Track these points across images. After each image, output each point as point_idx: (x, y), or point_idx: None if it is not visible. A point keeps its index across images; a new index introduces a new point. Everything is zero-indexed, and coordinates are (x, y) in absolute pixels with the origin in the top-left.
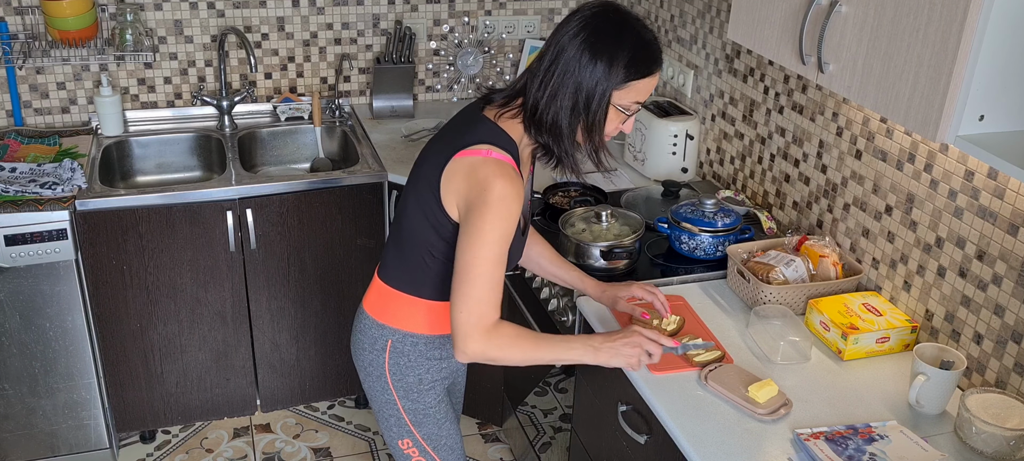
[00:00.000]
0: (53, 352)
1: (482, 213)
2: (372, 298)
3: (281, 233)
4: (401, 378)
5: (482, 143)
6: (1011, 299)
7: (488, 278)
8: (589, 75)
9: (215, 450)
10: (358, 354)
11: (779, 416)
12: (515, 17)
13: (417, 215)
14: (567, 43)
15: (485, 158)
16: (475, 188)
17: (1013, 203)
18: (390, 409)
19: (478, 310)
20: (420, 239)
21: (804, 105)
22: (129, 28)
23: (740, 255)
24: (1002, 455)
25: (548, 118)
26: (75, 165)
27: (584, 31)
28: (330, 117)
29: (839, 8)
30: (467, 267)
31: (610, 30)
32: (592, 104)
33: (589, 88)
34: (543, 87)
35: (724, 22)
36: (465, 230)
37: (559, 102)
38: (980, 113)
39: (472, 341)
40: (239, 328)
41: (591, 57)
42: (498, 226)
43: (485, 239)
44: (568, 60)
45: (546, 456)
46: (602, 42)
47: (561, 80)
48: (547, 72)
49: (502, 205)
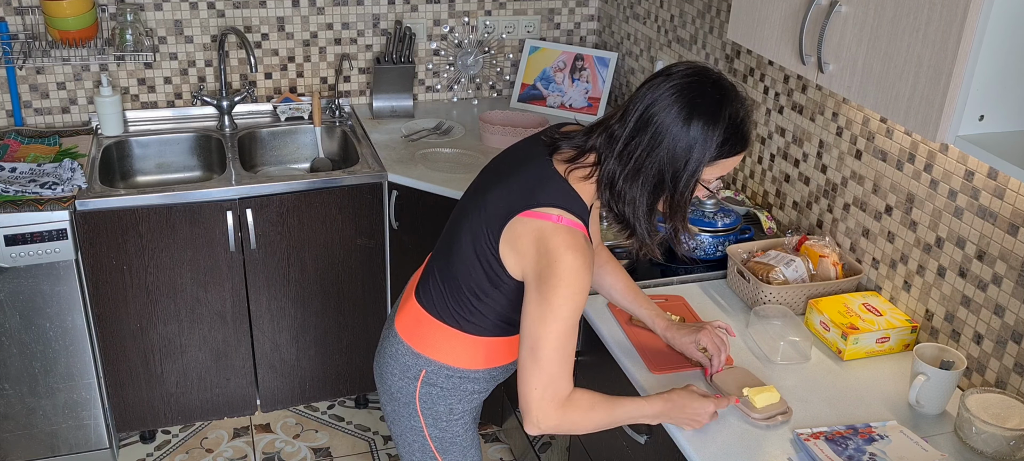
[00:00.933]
0: (53, 352)
1: (553, 287)
2: (407, 322)
3: (281, 233)
4: (431, 407)
5: (553, 207)
6: (1011, 299)
7: (560, 352)
8: (681, 147)
9: (215, 450)
10: (386, 377)
11: (775, 423)
12: (515, 17)
13: (471, 255)
14: (658, 111)
15: (556, 225)
16: (544, 258)
17: (1013, 203)
18: (415, 435)
19: (553, 386)
20: (470, 277)
21: (804, 105)
22: (129, 28)
23: (740, 255)
24: (1002, 455)
25: (629, 191)
26: (75, 165)
27: (679, 99)
28: (330, 117)
29: (839, 8)
30: (539, 343)
31: (708, 99)
32: (681, 180)
33: (679, 162)
34: (626, 158)
35: (724, 22)
36: (535, 303)
37: (643, 174)
38: (980, 113)
39: (547, 417)
40: (239, 328)
41: (685, 127)
42: (569, 301)
43: (557, 315)
44: (659, 129)
45: (546, 456)
46: (699, 111)
47: (648, 151)
48: (631, 141)
49: (575, 279)
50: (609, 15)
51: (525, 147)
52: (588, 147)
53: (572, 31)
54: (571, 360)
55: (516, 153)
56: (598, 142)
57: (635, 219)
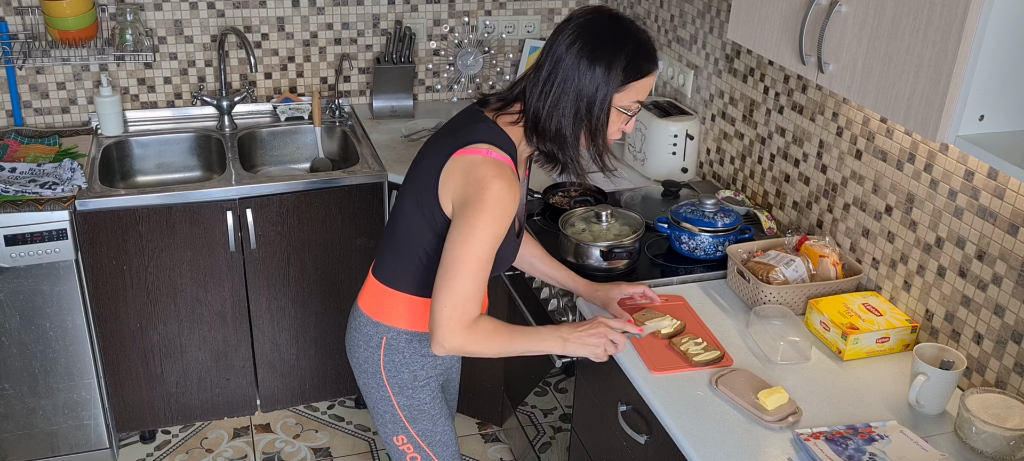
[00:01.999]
0: (53, 352)
1: (477, 211)
2: (367, 296)
3: (281, 233)
4: (396, 374)
5: (482, 142)
6: (1011, 299)
7: (475, 276)
8: (589, 80)
9: (215, 450)
10: (353, 351)
11: (787, 424)
12: (515, 17)
13: (414, 213)
14: (564, 51)
15: (485, 157)
16: (472, 186)
17: (1013, 203)
18: (385, 406)
19: (462, 306)
20: (416, 237)
21: (804, 105)
22: (129, 28)
23: (740, 255)
24: (1002, 455)
25: (551, 126)
26: (75, 165)
27: (580, 38)
28: (330, 117)
29: (839, 8)
30: (455, 262)
31: (606, 34)
32: (594, 109)
33: (590, 93)
34: (543, 96)
35: (724, 22)
36: (457, 226)
37: (561, 110)
38: (980, 113)
39: (451, 335)
40: (239, 328)
41: (590, 63)
42: (491, 225)
43: (477, 237)
44: (567, 67)
45: (546, 456)
46: (599, 47)
47: (561, 88)
48: (546, 81)
49: (498, 205)
50: None
51: (456, 115)
52: (514, 96)
53: None
54: (483, 287)
55: (448, 122)
56: (520, 89)
57: (560, 151)
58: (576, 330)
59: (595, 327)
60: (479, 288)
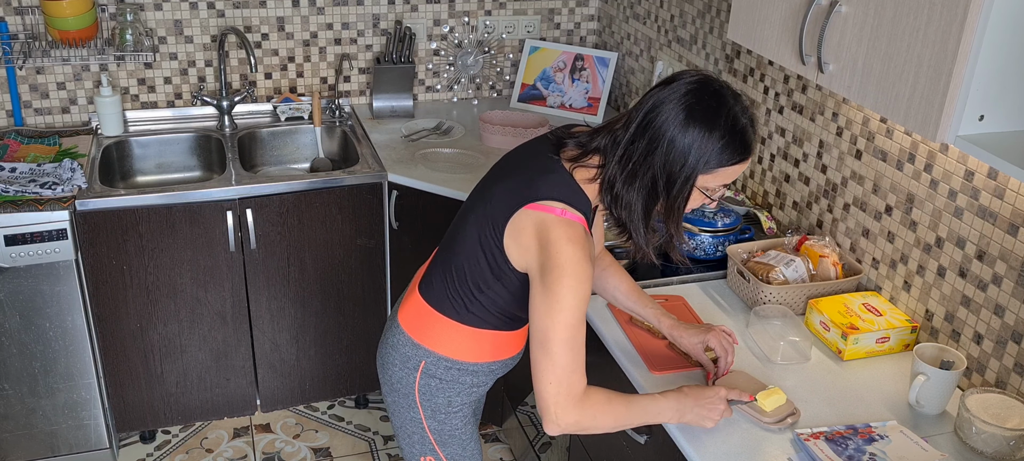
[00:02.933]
0: (53, 352)
1: (557, 279)
2: (410, 314)
3: (281, 233)
4: (430, 399)
5: (557, 200)
6: (1011, 299)
7: (571, 344)
8: (677, 153)
9: (215, 450)
10: (387, 367)
11: (786, 425)
12: (515, 17)
13: (475, 248)
14: (660, 118)
15: (558, 217)
16: (544, 251)
17: (1013, 203)
18: (414, 426)
19: (567, 380)
20: (474, 271)
21: (804, 105)
22: (129, 28)
23: (740, 255)
24: (1002, 455)
25: (625, 198)
26: (75, 165)
27: (681, 107)
28: (330, 117)
29: (839, 8)
30: (548, 336)
31: (709, 110)
32: (673, 189)
33: (674, 169)
34: (625, 162)
35: (724, 22)
36: (540, 296)
37: (640, 181)
38: (980, 113)
39: (566, 413)
40: (239, 328)
41: (682, 133)
42: (574, 290)
43: (563, 305)
44: (656, 135)
45: (546, 456)
46: (697, 121)
47: (644, 158)
48: (631, 145)
49: (575, 268)
50: (609, 15)
51: (532, 145)
52: (592, 148)
53: (572, 31)
54: (582, 354)
55: (523, 151)
56: (602, 144)
57: (631, 223)
58: (697, 403)
59: (715, 402)
60: (578, 356)
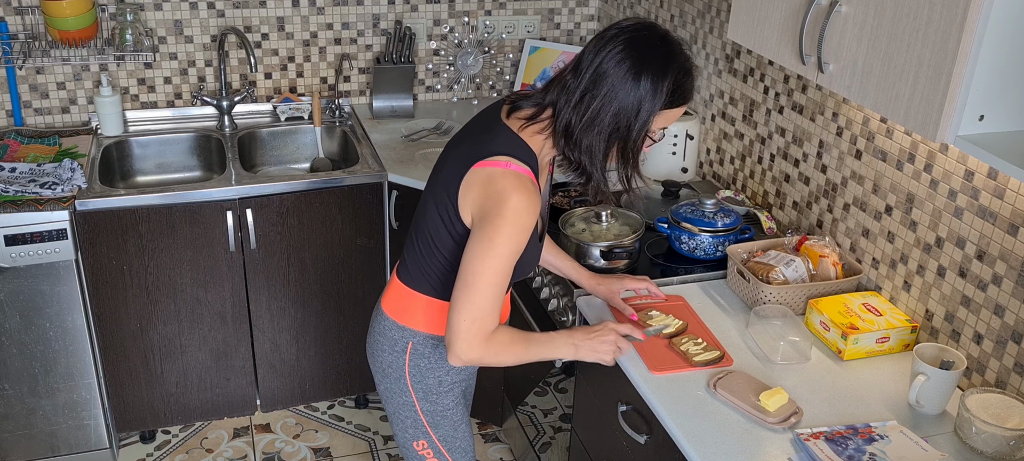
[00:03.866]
0: (53, 352)
1: (496, 225)
2: (391, 299)
3: (281, 233)
4: (421, 380)
5: (502, 155)
6: (1011, 299)
7: (493, 289)
8: (632, 98)
9: (215, 450)
10: (376, 355)
11: (789, 424)
12: (515, 17)
13: (436, 219)
14: (610, 64)
15: (504, 169)
16: (491, 199)
17: (1013, 203)
18: (407, 411)
19: (481, 319)
20: (437, 242)
21: (804, 105)
22: (129, 28)
23: (740, 255)
24: (1002, 455)
25: (584, 139)
26: (75, 165)
27: (629, 53)
28: (330, 117)
29: (839, 8)
30: (474, 276)
31: (656, 54)
32: (633, 129)
33: (630, 111)
34: (581, 107)
35: (724, 22)
36: (476, 239)
37: (598, 124)
38: (980, 113)
39: (470, 349)
40: (239, 328)
41: (635, 80)
42: (510, 240)
43: (496, 251)
44: (611, 81)
45: (546, 456)
46: (647, 65)
47: (602, 101)
48: (586, 93)
49: (517, 218)
50: (609, 15)
51: (480, 116)
52: (546, 103)
53: (572, 31)
54: (501, 299)
55: (472, 121)
56: (553, 96)
57: (591, 166)
58: (587, 336)
59: (604, 333)
60: (498, 300)
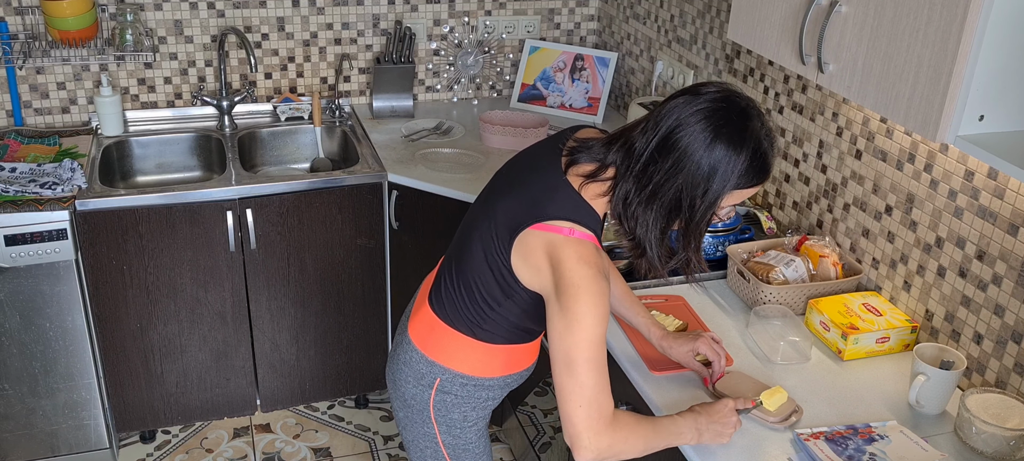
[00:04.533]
0: (53, 352)
1: (574, 298)
2: (421, 329)
3: (281, 233)
4: (445, 415)
5: (565, 220)
6: (1011, 299)
7: (595, 363)
8: (701, 174)
9: (215, 450)
10: (400, 385)
11: (790, 423)
12: (515, 17)
13: (483, 265)
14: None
15: (567, 237)
16: (557, 272)
17: (1013, 203)
18: (428, 442)
19: (597, 402)
20: (483, 288)
21: (804, 105)
22: (129, 28)
23: (740, 255)
24: (1002, 455)
25: (643, 216)
26: (75, 165)
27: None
28: (330, 117)
29: (839, 8)
30: (571, 358)
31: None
32: (696, 211)
33: (697, 189)
34: (644, 179)
35: (724, 22)
36: (558, 319)
37: (660, 200)
38: (980, 113)
39: (598, 437)
40: (239, 328)
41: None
42: (593, 310)
43: (582, 324)
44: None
45: (546, 456)
46: (723, 137)
47: (667, 175)
48: (651, 162)
49: (591, 287)
50: (609, 15)
51: (539, 153)
52: (608, 162)
53: (572, 31)
54: (606, 374)
55: (529, 159)
56: (618, 158)
57: (647, 242)
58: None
59: (727, 416)
60: (604, 376)
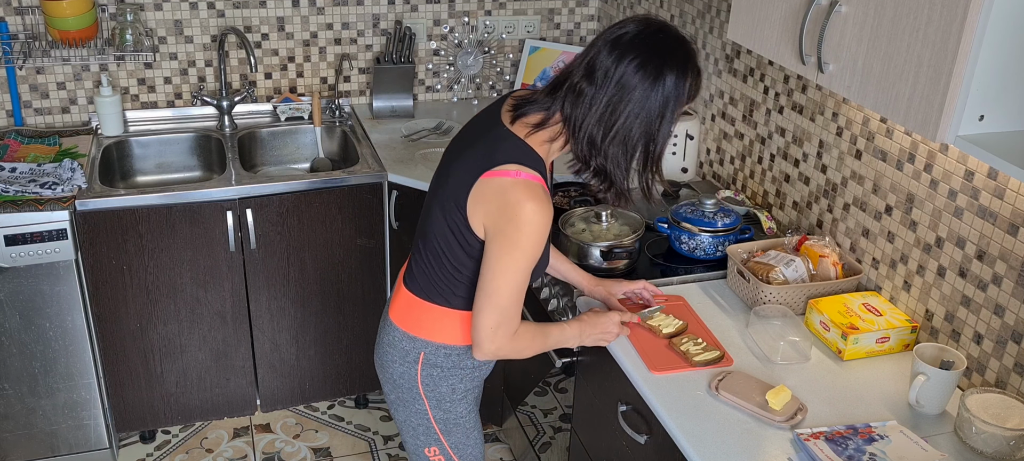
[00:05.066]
0: (53, 352)
1: (513, 238)
2: (400, 309)
3: (281, 233)
4: (434, 388)
5: (511, 163)
6: (1011, 299)
7: (515, 295)
8: (657, 106)
9: (215, 450)
10: (387, 366)
11: (796, 421)
12: (515, 17)
13: (444, 229)
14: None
15: (515, 179)
16: (505, 211)
17: (1013, 203)
18: (420, 418)
19: (506, 322)
20: (449, 254)
21: (804, 105)
22: (129, 28)
23: (740, 255)
24: (1002, 455)
25: (612, 149)
26: (75, 165)
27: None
28: (330, 117)
29: (839, 8)
30: (495, 285)
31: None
32: (659, 135)
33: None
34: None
35: (724, 22)
36: (495, 251)
37: (627, 134)
38: (980, 113)
39: (500, 349)
40: (239, 328)
41: (659, 87)
42: (528, 250)
43: (516, 262)
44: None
45: (546, 456)
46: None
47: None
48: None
49: (532, 228)
50: (609, 15)
51: (482, 118)
52: (554, 110)
53: (572, 31)
54: (523, 297)
55: (474, 126)
56: (568, 106)
57: (615, 172)
58: (593, 326)
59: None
60: (520, 301)
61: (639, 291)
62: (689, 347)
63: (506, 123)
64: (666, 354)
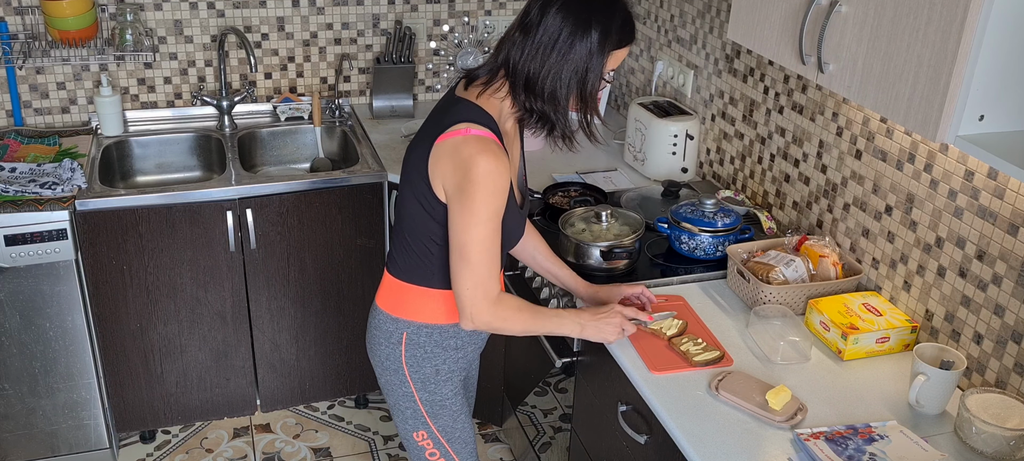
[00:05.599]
0: (53, 352)
1: (471, 193)
2: (384, 293)
3: (281, 233)
4: (418, 369)
5: (461, 122)
6: (1011, 299)
7: (487, 252)
8: (584, 48)
9: (215, 450)
10: (374, 349)
11: (796, 421)
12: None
13: (413, 206)
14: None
15: (465, 136)
16: (460, 167)
17: (1013, 203)
18: (407, 401)
19: (483, 284)
20: (420, 229)
21: (804, 105)
22: (129, 28)
23: (740, 255)
24: (1002, 455)
25: (547, 91)
26: (75, 165)
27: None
28: (330, 117)
29: (839, 8)
30: (464, 247)
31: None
32: (589, 75)
33: (584, 60)
34: (537, 60)
35: (724, 22)
36: (457, 210)
37: (558, 75)
38: (980, 113)
39: (481, 313)
40: (239, 328)
41: (586, 31)
42: (489, 202)
43: (478, 217)
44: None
45: (546, 456)
46: (595, 15)
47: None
48: (540, 46)
49: (489, 180)
50: None
51: (438, 103)
52: (499, 65)
53: None
54: (498, 261)
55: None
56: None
57: (554, 114)
58: (594, 317)
59: (610, 314)
60: (494, 263)
61: (637, 295)
62: (689, 347)
63: (459, 93)
64: (666, 354)
